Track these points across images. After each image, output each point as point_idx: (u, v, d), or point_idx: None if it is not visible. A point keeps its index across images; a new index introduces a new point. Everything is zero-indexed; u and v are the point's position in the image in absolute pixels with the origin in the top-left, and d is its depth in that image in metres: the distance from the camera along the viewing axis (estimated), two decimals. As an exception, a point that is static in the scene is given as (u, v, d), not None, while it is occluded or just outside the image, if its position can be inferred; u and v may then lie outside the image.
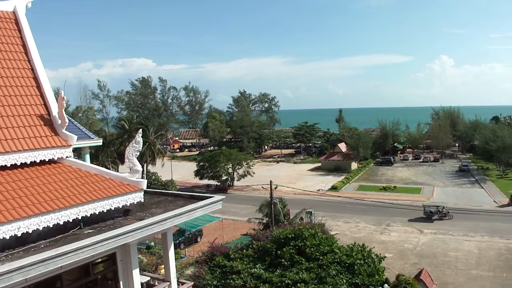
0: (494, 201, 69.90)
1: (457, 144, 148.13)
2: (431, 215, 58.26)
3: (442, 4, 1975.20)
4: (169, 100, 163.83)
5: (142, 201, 14.65)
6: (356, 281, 22.68)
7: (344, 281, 22.26)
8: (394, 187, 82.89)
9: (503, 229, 53.58)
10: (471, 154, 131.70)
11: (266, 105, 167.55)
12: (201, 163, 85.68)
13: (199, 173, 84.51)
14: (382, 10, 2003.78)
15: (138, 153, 15.44)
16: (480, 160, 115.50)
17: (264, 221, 46.28)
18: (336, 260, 23.65)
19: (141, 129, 17.84)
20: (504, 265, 41.91)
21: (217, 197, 16.55)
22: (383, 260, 25.91)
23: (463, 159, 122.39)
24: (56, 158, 14.69)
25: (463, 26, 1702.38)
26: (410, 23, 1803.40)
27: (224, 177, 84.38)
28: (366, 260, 24.47)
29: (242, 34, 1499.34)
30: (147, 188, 15.02)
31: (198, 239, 50.08)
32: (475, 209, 64.12)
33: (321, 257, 23.62)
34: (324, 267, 22.90)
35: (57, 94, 15.67)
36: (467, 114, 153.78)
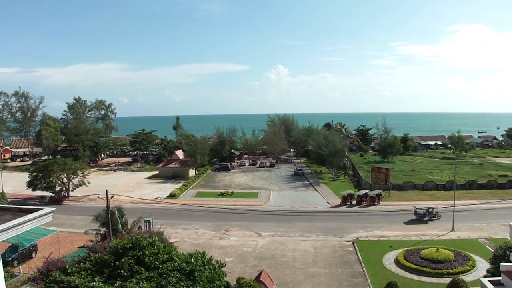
0: (328, 202, 76.16)
1: (292, 150, 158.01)
2: (422, 216, 61.18)
3: (278, 16, 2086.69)
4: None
5: (-36, 215, 13.76)
6: (197, 287, 23.26)
7: (185, 288, 22.72)
8: (232, 192, 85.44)
9: (336, 227, 58.90)
10: (305, 158, 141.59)
11: (103, 112, 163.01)
12: (34, 173, 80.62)
13: (32, 184, 79.38)
14: (221, 20, 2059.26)
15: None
16: (314, 164, 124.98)
17: (102, 232, 45.20)
18: (176, 267, 24.01)
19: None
20: (339, 261, 46.17)
21: (47, 209, 16.01)
22: (224, 266, 26.86)
23: (297, 163, 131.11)
24: None
25: (298, 38, 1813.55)
26: (247, 33, 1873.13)
27: (58, 188, 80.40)
28: (207, 266, 25.18)
29: (77, 38, 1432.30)
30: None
31: (33, 255, 47.52)
32: (310, 211, 69.36)
33: (160, 266, 23.81)
34: (164, 275, 23.14)
35: None
36: (301, 121, 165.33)
